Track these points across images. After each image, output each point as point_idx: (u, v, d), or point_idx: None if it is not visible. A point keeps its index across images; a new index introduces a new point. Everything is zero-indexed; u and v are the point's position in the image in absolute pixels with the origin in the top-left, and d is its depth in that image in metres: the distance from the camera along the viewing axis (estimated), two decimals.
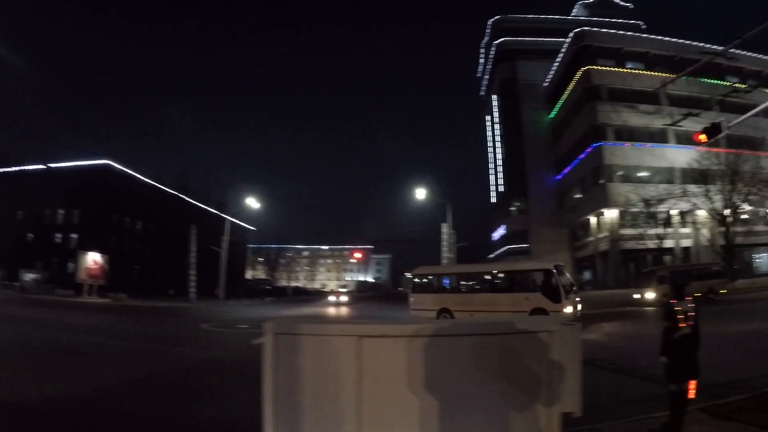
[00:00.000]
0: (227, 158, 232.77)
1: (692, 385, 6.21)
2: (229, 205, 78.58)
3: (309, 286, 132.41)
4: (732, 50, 52.31)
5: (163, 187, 76.40)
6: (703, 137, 19.02)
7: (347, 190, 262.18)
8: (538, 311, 21.06)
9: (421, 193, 48.13)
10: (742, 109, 27.69)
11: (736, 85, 47.23)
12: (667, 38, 58.06)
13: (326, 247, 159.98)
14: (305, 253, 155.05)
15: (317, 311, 40.04)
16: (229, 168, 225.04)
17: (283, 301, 67.97)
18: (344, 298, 55.68)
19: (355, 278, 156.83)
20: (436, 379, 3.99)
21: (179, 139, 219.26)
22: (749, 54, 55.72)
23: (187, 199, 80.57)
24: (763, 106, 29.12)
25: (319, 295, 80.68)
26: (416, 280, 27.20)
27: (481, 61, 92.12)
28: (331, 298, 57.15)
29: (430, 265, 34.45)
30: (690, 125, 24.50)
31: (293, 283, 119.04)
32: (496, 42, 78.38)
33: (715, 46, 41.46)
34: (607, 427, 6.43)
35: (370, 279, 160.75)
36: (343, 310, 42.11)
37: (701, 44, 52.04)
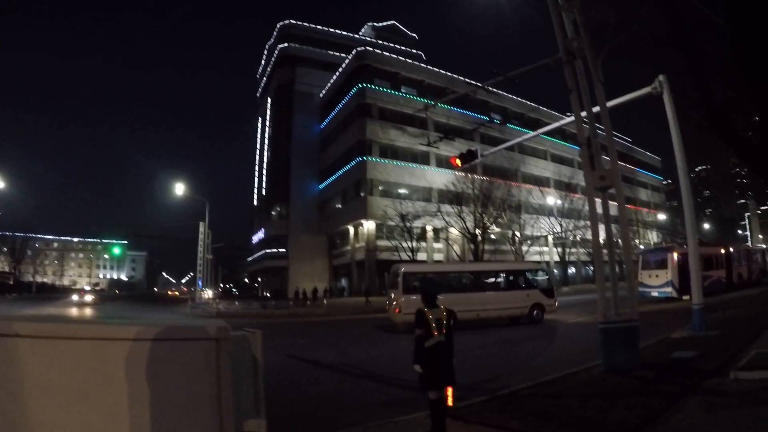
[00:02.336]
0: None
1: (449, 392, 6.14)
2: None
3: (58, 282, 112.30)
4: (498, 91, 57.90)
5: None
6: (458, 162, 20.59)
7: (104, 180, 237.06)
8: (537, 306, 22.11)
9: (180, 189, 43.05)
10: (500, 142, 29.65)
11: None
12: (442, 71, 60.96)
13: (76, 240, 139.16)
14: (55, 245, 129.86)
15: (40, 313, 33.13)
16: None
17: (25, 299, 60.79)
18: (89, 298, 49.41)
19: (109, 276, 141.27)
20: (80, 392, 2.99)
21: None
22: (512, 96, 62.30)
23: None
24: (511, 142, 31.75)
25: (67, 293, 69.86)
26: (407, 279, 21.71)
27: (263, 62, 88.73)
28: (74, 298, 50.81)
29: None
30: (452, 151, 26.54)
31: (41, 279, 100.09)
32: (281, 46, 75.76)
33: (477, 83, 44.26)
34: None
35: (123, 277, 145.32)
36: (74, 312, 37.26)
37: (473, 82, 55.17)
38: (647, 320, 14.69)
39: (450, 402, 6.17)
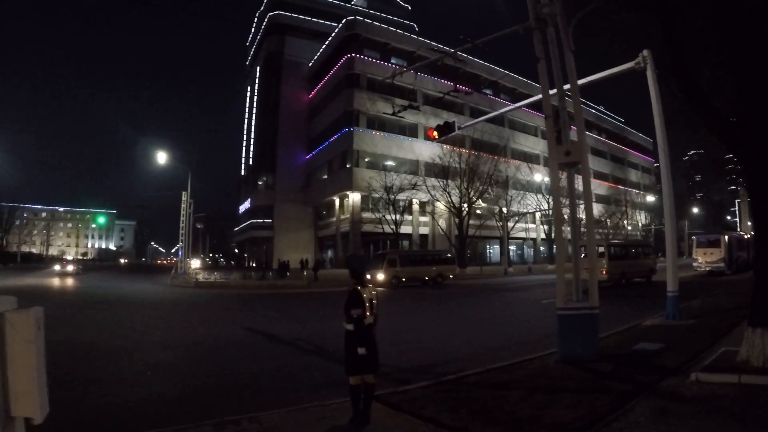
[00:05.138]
0: None
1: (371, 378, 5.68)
2: None
3: (46, 252, 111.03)
4: (494, 66, 56.42)
5: None
6: (435, 133, 20.02)
7: (93, 150, 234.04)
8: None
9: (162, 158, 41.71)
10: (490, 118, 28.42)
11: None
12: (433, 43, 58.99)
13: (63, 209, 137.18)
14: (43, 215, 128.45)
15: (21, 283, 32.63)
16: None
17: (9, 269, 59.52)
18: (71, 268, 48.75)
19: (97, 245, 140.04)
20: None
21: None
22: (503, 71, 59.98)
23: None
24: (491, 114, 30.59)
25: (51, 263, 69.36)
26: None
27: (253, 30, 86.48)
28: (56, 268, 49.39)
29: None
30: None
31: (28, 249, 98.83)
32: (271, 14, 73.59)
33: (475, 59, 42.91)
34: (269, 416, 5.87)
35: (112, 247, 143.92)
36: (54, 282, 36.37)
37: (465, 55, 53.81)
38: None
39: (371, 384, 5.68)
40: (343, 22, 59.19)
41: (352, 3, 78.98)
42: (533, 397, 6.58)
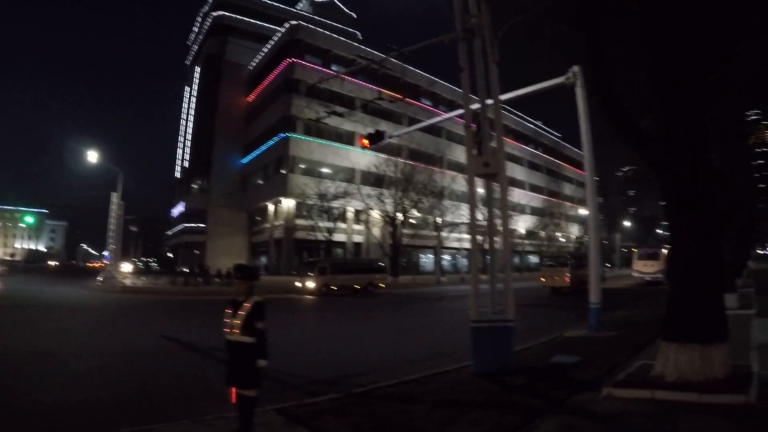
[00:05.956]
0: None
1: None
2: None
3: None
4: (427, 75, 56.60)
5: None
6: (366, 142, 20.76)
7: (22, 146, 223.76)
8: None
9: (93, 156, 39.88)
10: (427, 129, 28.54)
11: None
12: (374, 51, 59.01)
13: None
14: None
15: None
16: None
17: None
18: None
19: (26, 246, 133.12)
20: None
21: None
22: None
23: None
24: (423, 124, 30.67)
25: None
26: None
27: (195, 29, 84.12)
28: None
29: None
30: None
31: None
32: (214, 14, 71.75)
33: (425, 73, 43.16)
34: (167, 428, 5.81)
35: (42, 248, 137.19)
36: None
37: (410, 67, 54.54)
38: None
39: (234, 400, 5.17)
40: (286, 26, 58.39)
41: (298, 8, 78.31)
42: (440, 412, 6.45)
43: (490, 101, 10.32)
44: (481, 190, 11.30)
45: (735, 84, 14.80)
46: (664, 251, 36.52)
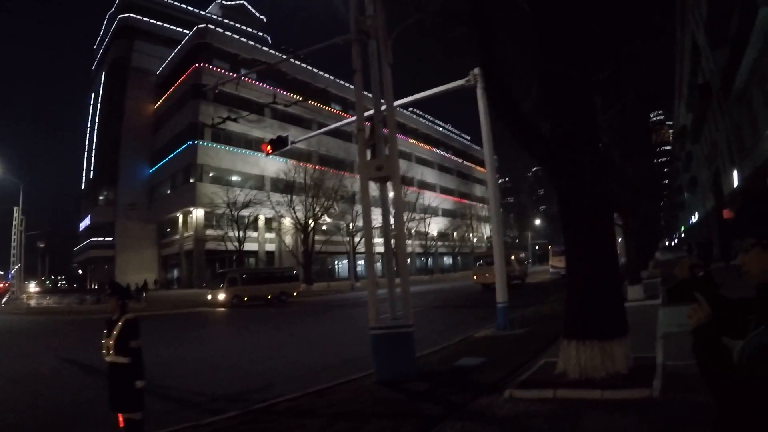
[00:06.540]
0: None
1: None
2: None
3: None
4: (337, 80, 56.75)
5: None
6: (269, 148, 20.04)
7: None
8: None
9: None
10: (336, 133, 28.63)
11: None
12: (282, 56, 58.63)
13: None
14: None
15: None
16: None
17: None
18: None
19: None
20: None
21: None
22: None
23: None
24: (326, 129, 30.80)
25: None
26: None
27: (102, 33, 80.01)
28: None
29: None
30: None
31: None
32: (121, 16, 68.37)
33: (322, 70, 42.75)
34: None
35: None
36: None
37: (317, 70, 54.51)
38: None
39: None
40: (194, 29, 56.99)
41: (207, 11, 76.47)
42: (337, 424, 6.28)
43: (384, 104, 10.24)
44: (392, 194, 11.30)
45: (632, 85, 15.65)
46: None
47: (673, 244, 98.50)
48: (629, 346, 7.07)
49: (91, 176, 71.53)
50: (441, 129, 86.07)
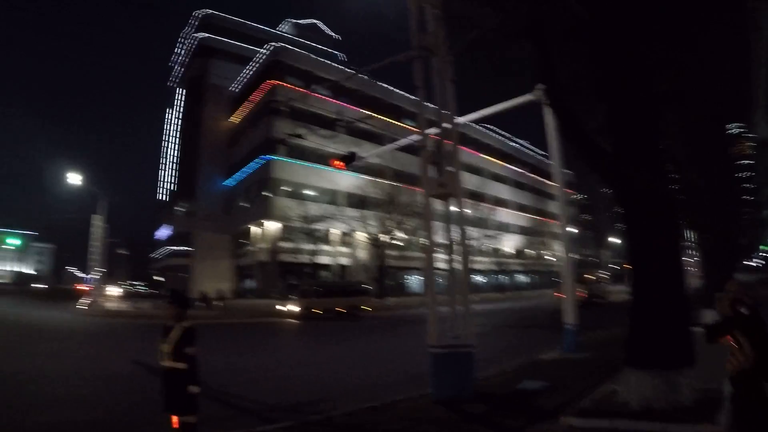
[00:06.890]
0: None
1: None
2: None
3: None
4: (409, 95, 56.62)
5: None
6: (339, 164, 20.63)
7: (8, 170, 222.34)
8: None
9: (75, 179, 39.94)
10: (409, 149, 28.97)
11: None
12: (354, 71, 58.88)
13: None
14: None
15: None
16: None
17: None
18: None
19: (13, 268, 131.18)
20: None
21: None
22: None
23: None
24: (393, 145, 30.34)
25: None
26: None
27: (178, 50, 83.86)
28: None
29: None
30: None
31: None
32: (198, 36, 71.71)
33: (393, 87, 42.74)
34: None
35: (30, 271, 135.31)
36: None
37: (387, 85, 54.59)
38: None
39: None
40: (268, 48, 58.27)
41: (280, 29, 78.38)
42: None
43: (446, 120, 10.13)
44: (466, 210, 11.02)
45: (701, 97, 14.69)
46: None
47: (756, 264, 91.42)
48: (695, 377, 6.75)
49: (170, 187, 74.36)
50: (514, 144, 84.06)
